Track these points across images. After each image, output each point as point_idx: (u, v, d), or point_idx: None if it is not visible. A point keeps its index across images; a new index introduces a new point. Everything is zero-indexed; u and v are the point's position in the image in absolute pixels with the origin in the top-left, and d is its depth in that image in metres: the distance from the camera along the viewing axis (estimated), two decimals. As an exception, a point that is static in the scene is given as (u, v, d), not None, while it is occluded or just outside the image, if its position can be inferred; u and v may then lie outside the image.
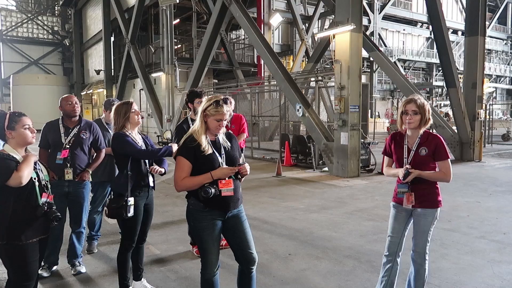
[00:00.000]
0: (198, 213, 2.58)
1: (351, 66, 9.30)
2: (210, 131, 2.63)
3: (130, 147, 3.13)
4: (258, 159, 13.08)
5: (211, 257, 2.62)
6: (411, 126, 2.87)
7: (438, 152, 2.84)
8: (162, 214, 6.16)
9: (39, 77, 34.18)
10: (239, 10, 12.63)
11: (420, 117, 2.84)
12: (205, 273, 2.65)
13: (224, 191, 2.54)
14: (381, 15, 33.44)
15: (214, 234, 2.60)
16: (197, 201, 2.56)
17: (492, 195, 7.43)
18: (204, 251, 2.64)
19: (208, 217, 2.57)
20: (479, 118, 12.39)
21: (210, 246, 2.60)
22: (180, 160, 2.58)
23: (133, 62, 21.26)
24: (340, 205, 6.76)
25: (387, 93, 37.06)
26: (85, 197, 3.90)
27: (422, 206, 2.88)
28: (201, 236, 2.60)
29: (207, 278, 2.66)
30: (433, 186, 2.90)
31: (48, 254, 3.71)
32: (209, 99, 2.64)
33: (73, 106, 3.84)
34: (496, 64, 42.61)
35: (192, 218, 2.62)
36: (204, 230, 2.58)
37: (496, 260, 4.18)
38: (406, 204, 2.89)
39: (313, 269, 4.00)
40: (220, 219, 2.61)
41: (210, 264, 2.63)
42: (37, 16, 37.44)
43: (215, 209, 2.57)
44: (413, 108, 2.84)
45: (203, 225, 2.58)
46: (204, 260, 2.66)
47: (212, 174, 2.52)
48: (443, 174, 2.85)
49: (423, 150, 2.84)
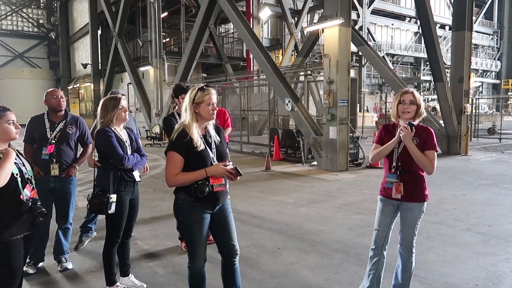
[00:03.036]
0: (188, 208, 2.58)
1: (340, 60, 9.32)
2: (204, 119, 2.59)
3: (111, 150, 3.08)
4: (247, 154, 13.08)
5: (200, 250, 2.63)
6: (407, 116, 2.88)
7: (428, 142, 2.86)
8: (151, 209, 6.12)
9: (24, 71, 33.64)
10: (228, 3, 12.54)
11: (416, 108, 2.87)
12: (193, 267, 2.65)
13: (216, 186, 2.55)
14: (370, 9, 33.57)
15: (204, 228, 2.61)
16: (188, 196, 2.55)
17: (477, 188, 7.55)
18: (193, 244, 2.63)
19: (198, 211, 2.58)
20: (465, 112, 12.56)
21: (199, 240, 2.60)
22: (173, 155, 2.53)
23: (120, 55, 21.02)
24: (328, 199, 6.80)
25: (375, 87, 37.30)
26: (71, 192, 3.84)
27: (409, 200, 2.90)
28: (192, 230, 2.60)
29: (195, 271, 2.66)
30: (421, 179, 2.92)
31: (34, 251, 3.66)
32: (191, 90, 2.60)
33: (58, 100, 3.77)
34: (483, 59, 43.17)
35: (182, 212, 2.62)
36: (195, 224, 2.58)
37: (481, 252, 4.25)
38: (395, 194, 2.91)
39: (301, 262, 4.02)
40: (209, 212, 2.63)
41: (199, 258, 2.63)
42: (22, 9, 36.76)
43: (205, 204, 2.58)
44: (410, 98, 2.87)
45: (193, 219, 2.58)
46: (192, 254, 2.65)
47: (207, 172, 2.51)
48: (429, 160, 2.83)
49: (414, 140, 2.86)
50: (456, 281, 3.55)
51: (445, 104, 12.52)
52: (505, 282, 3.54)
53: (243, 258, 4.10)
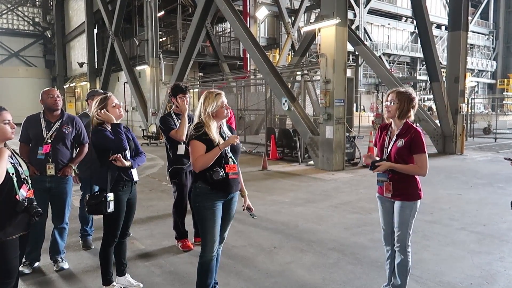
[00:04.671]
0: (204, 195, 2.82)
1: (336, 60, 9.34)
2: (219, 118, 2.87)
3: (111, 143, 3.09)
4: (244, 153, 13.07)
5: (211, 236, 2.83)
6: (388, 115, 2.95)
7: (414, 145, 2.85)
8: (147, 208, 6.12)
9: (19, 70, 33.46)
10: (224, 2, 12.53)
11: (396, 106, 2.88)
12: (203, 255, 2.86)
13: (230, 174, 2.84)
14: (367, 9, 33.61)
15: (217, 215, 2.83)
16: (204, 185, 2.80)
17: (473, 188, 7.59)
18: (205, 230, 2.83)
19: (213, 198, 2.82)
20: (461, 112, 12.62)
21: (212, 225, 2.82)
22: (194, 143, 2.77)
23: (117, 54, 20.93)
24: (325, 198, 6.82)
25: (372, 87, 37.36)
26: (67, 192, 3.83)
27: (400, 199, 2.92)
28: (205, 215, 2.81)
29: (204, 260, 2.86)
30: (412, 178, 2.93)
31: (29, 251, 3.66)
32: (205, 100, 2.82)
33: (54, 99, 3.76)
34: (478, 59, 43.34)
35: (199, 199, 2.83)
36: (209, 209, 2.81)
37: (475, 251, 4.28)
38: (385, 193, 2.97)
39: (298, 262, 4.03)
40: (222, 201, 2.87)
41: (210, 244, 2.83)
42: (18, 7, 36.52)
43: (220, 191, 2.83)
44: (391, 98, 2.91)
45: (208, 204, 2.81)
46: (204, 241, 2.85)
47: (220, 146, 2.75)
48: (418, 167, 2.84)
49: (400, 142, 2.88)
50: (451, 280, 3.57)
51: (441, 104, 12.58)
52: (499, 281, 3.57)
53: (240, 257, 4.13)
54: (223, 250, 4.23)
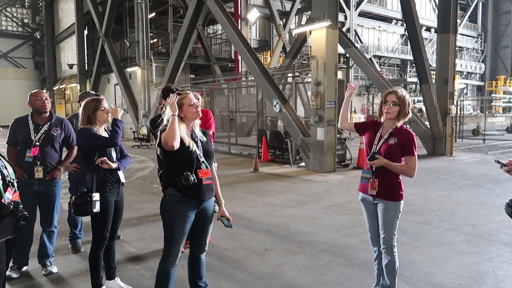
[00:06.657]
0: (174, 204, 2.64)
1: (327, 62, 9.38)
2: (189, 119, 2.70)
3: (98, 141, 3.09)
4: (235, 155, 13.07)
5: (177, 248, 2.69)
6: (388, 116, 2.91)
7: (407, 146, 2.88)
8: (138, 211, 6.08)
9: (8, 71, 33.06)
10: (215, 4, 12.52)
11: (398, 108, 2.89)
12: (165, 263, 2.71)
13: (204, 180, 2.66)
14: (357, 11, 33.84)
15: (186, 226, 2.67)
16: (175, 192, 2.62)
17: (462, 188, 7.68)
18: (171, 241, 2.68)
19: (184, 208, 2.65)
20: (450, 114, 12.77)
21: (178, 237, 2.67)
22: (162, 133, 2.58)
23: (107, 56, 20.78)
24: (316, 200, 6.83)
25: (363, 89, 37.54)
26: (56, 195, 3.79)
27: (384, 198, 2.93)
28: (173, 227, 2.66)
29: (165, 268, 2.72)
30: (396, 178, 2.94)
31: (17, 255, 3.60)
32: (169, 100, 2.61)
33: (43, 101, 3.72)
34: (467, 61, 43.85)
35: (167, 208, 2.67)
36: (178, 220, 2.64)
37: (465, 252, 4.33)
38: (370, 190, 2.94)
39: (289, 264, 4.03)
40: (194, 211, 2.69)
41: (174, 255, 2.70)
42: (6, 8, 36.04)
43: (192, 199, 2.65)
44: (393, 99, 2.89)
45: (177, 216, 2.64)
46: (167, 251, 2.71)
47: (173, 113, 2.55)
48: (408, 168, 2.89)
49: (393, 140, 2.90)
50: (440, 281, 3.60)
51: (430, 106, 12.71)
52: (487, 281, 3.61)
53: (231, 260, 4.12)
54: (214, 252, 4.24)
